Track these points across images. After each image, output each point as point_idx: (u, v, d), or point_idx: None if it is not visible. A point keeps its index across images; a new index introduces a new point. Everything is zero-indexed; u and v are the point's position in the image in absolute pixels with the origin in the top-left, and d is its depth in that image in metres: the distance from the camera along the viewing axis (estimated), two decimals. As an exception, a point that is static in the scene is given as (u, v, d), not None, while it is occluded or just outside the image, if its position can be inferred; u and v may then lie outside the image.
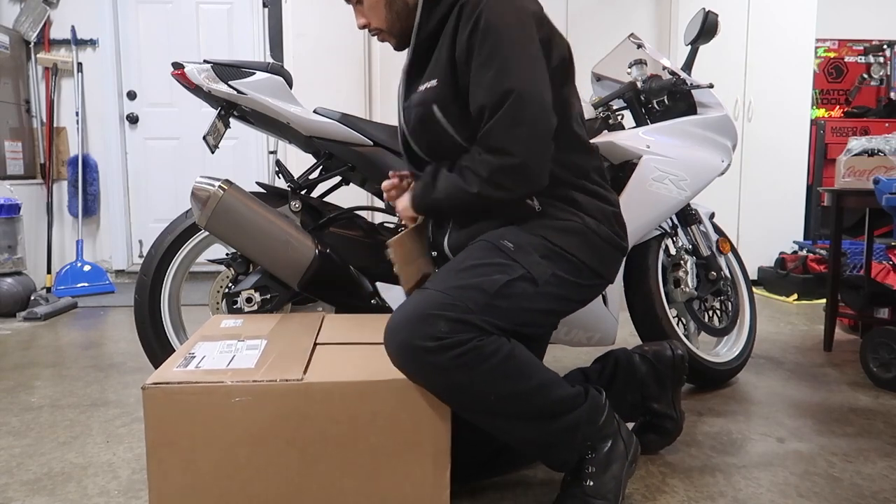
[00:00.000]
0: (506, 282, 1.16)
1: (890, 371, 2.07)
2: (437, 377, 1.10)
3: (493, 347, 1.11)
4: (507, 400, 1.13)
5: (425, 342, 1.08)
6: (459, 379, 1.09)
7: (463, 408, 1.15)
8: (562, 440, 1.20)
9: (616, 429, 1.26)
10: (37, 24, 4.10)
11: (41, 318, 3.14)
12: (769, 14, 3.96)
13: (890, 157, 2.31)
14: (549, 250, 1.22)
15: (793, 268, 3.74)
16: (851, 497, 1.37)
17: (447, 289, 1.14)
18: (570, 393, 1.20)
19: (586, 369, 1.51)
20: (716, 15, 2.06)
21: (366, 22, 1.36)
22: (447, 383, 1.10)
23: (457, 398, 1.13)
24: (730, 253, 2.23)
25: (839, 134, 4.20)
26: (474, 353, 1.09)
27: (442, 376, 1.09)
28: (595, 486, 1.20)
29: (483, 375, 1.10)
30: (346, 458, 1.09)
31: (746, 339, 2.20)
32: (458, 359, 1.08)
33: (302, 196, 1.80)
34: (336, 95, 3.72)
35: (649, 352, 1.48)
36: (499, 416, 1.16)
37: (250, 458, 1.07)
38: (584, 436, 1.21)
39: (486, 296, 1.14)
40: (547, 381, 1.17)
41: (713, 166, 2.00)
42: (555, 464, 1.25)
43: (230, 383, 1.05)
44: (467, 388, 1.11)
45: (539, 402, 1.16)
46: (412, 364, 1.10)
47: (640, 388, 1.47)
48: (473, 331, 1.10)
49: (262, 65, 1.79)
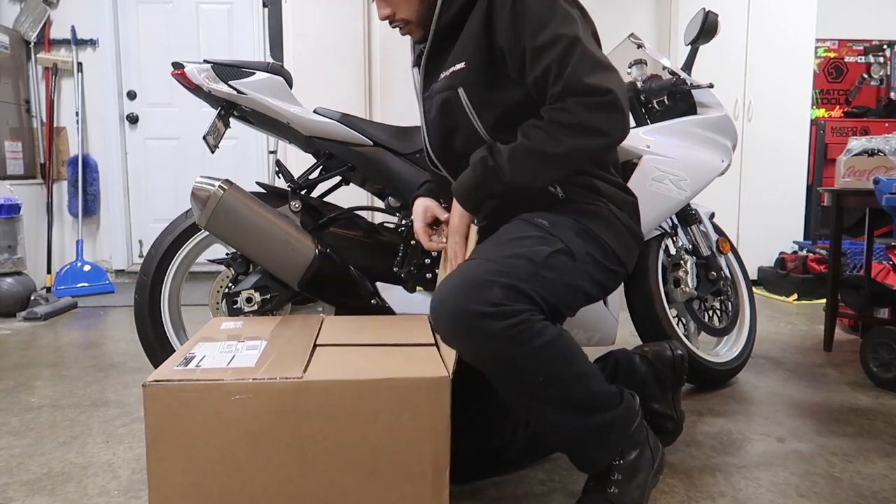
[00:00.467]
0: (549, 253, 1.15)
1: (890, 371, 2.07)
2: (487, 344, 1.08)
3: (542, 325, 1.10)
4: (550, 383, 1.12)
5: (482, 306, 1.06)
6: (509, 350, 1.08)
7: (506, 384, 1.14)
8: (595, 438, 1.18)
9: (645, 437, 1.25)
10: (37, 24, 4.10)
11: (41, 318, 3.14)
12: (769, 14, 3.96)
13: (890, 157, 2.31)
14: (581, 230, 1.22)
15: (793, 268, 3.74)
16: (851, 497, 1.37)
17: (496, 257, 1.13)
18: (608, 390, 1.20)
19: None
20: (716, 15, 2.06)
21: (390, 13, 1.32)
22: (496, 353, 1.09)
23: (502, 372, 1.11)
24: (730, 253, 2.23)
25: (839, 134, 4.20)
26: (526, 325, 1.08)
27: (492, 344, 1.08)
28: (619, 493, 1.19)
29: (531, 352, 1.09)
30: (346, 457, 1.09)
31: (746, 339, 2.20)
32: (511, 329, 1.07)
33: (302, 196, 1.80)
34: (336, 95, 3.72)
35: (649, 352, 1.48)
36: (538, 400, 1.14)
37: (250, 457, 1.07)
38: (617, 438, 1.20)
39: (533, 265, 1.13)
40: (588, 372, 1.17)
41: (713, 166, 2.00)
42: (583, 462, 1.23)
43: (230, 381, 1.05)
44: (514, 363, 1.09)
45: (579, 392, 1.15)
46: (464, 330, 1.08)
47: (640, 389, 1.47)
48: (527, 301, 1.10)
49: (262, 65, 1.79)
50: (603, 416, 1.18)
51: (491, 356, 1.10)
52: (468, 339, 1.09)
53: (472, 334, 1.08)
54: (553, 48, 1.13)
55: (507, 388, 1.15)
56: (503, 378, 1.13)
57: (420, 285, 1.84)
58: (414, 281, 1.83)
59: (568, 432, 1.18)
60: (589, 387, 1.16)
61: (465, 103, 1.24)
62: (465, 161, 1.26)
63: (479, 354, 1.10)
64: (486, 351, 1.09)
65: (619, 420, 1.20)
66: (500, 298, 1.07)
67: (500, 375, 1.13)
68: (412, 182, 1.83)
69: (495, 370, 1.12)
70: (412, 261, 1.81)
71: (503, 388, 1.15)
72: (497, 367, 1.11)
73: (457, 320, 1.08)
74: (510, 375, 1.12)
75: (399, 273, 1.82)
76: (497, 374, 1.13)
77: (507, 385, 1.14)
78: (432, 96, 1.31)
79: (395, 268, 1.82)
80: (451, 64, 1.25)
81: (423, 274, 1.82)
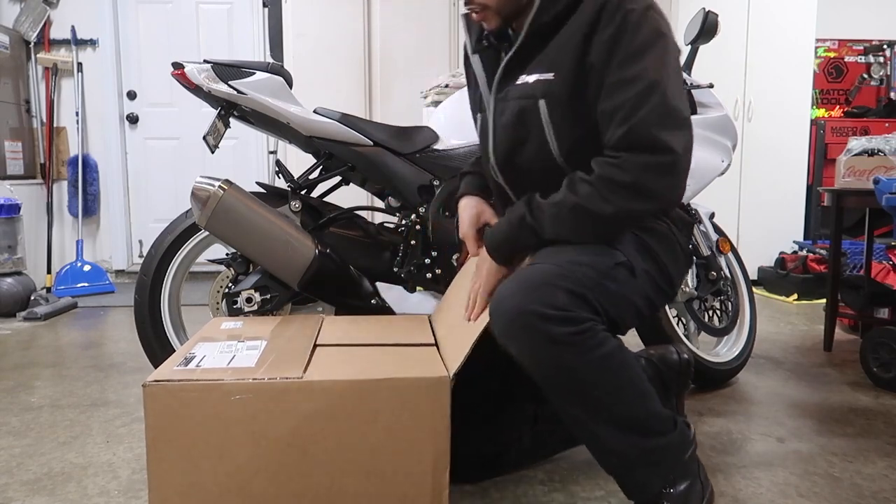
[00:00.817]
0: (613, 264, 1.10)
1: (890, 371, 2.07)
2: (547, 349, 1.03)
3: (604, 336, 1.06)
4: (608, 398, 1.08)
5: (545, 308, 1.01)
6: (568, 359, 1.04)
7: (561, 393, 1.09)
8: (647, 462, 1.12)
9: (697, 469, 1.20)
10: (37, 24, 4.10)
11: (41, 318, 3.14)
12: (769, 14, 3.96)
13: (890, 157, 2.31)
14: (641, 246, 1.16)
15: (793, 268, 3.73)
16: (851, 497, 1.37)
17: (560, 262, 1.08)
18: (664, 413, 1.15)
19: None
20: (716, 15, 2.06)
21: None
22: (555, 359, 1.04)
23: (559, 380, 1.07)
24: (730, 253, 2.23)
25: (839, 134, 4.20)
26: (589, 335, 1.03)
27: (552, 349, 1.03)
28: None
29: (592, 362, 1.05)
30: (346, 457, 1.09)
31: (746, 339, 2.20)
32: (573, 336, 1.02)
33: (302, 196, 1.80)
34: (336, 95, 3.72)
35: (655, 355, 1.42)
36: (593, 414, 1.09)
37: (250, 457, 1.07)
38: (670, 465, 1.14)
39: (598, 274, 1.08)
40: (646, 392, 1.12)
41: (713, 166, 2.00)
42: (632, 487, 1.17)
43: (230, 381, 1.06)
44: (573, 372, 1.05)
45: (637, 410, 1.10)
46: (524, 331, 1.03)
47: None
48: (590, 310, 1.05)
49: (262, 65, 1.79)
50: (658, 439, 1.12)
51: (549, 361, 1.05)
52: (527, 340, 1.04)
53: (532, 336, 1.03)
54: (634, 86, 1.06)
55: (560, 398, 1.10)
56: (559, 387, 1.08)
57: (420, 285, 1.84)
58: (414, 281, 1.83)
59: (620, 452, 1.12)
60: (647, 407, 1.11)
61: (545, 118, 1.15)
62: (529, 177, 1.20)
63: (536, 358, 1.06)
64: (545, 355, 1.04)
65: (674, 446, 1.15)
66: (565, 304, 1.03)
67: (556, 384, 1.08)
68: (412, 182, 1.83)
69: (551, 377, 1.07)
70: (412, 261, 1.81)
71: (557, 398, 1.10)
72: (554, 374, 1.06)
73: (516, 319, 1.03)
74: (567, 385, 1.07)
75: (399, 273, 1.82)
76: (552, 381, 1.08)
77: (561, 394, 1.09)
78: (507, 99, 1.21)
79: (395, 268, 1.82)
80: (538, 70, 1.16)
81: (423, 274, 1.82)
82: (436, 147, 1.87)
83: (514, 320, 1.04)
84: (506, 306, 1.05)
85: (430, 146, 1.87)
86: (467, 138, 1.88)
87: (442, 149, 1.87)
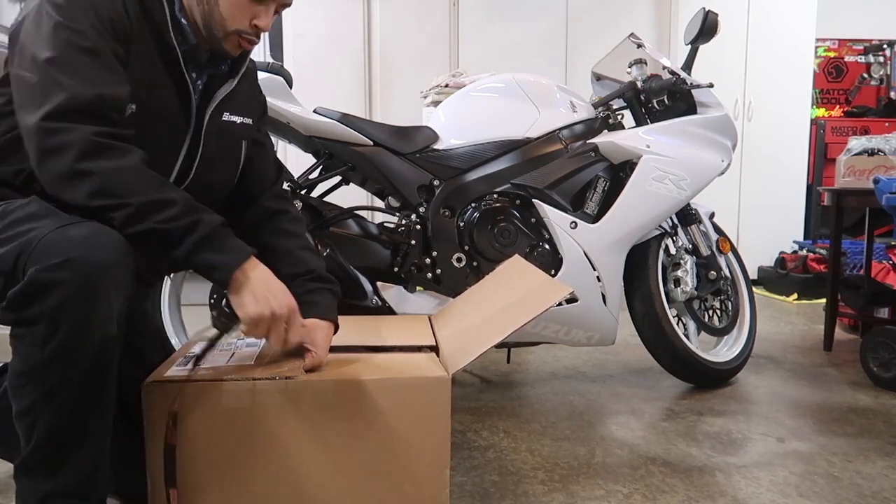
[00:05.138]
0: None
1: (890, 371, 2.07)
2: None
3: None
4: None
5: None
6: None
7: None
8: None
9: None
10: (37, 24, 4.10)
11: (41, 318, 3.13)
12: (769, 14, 3.96)
13: (890, 157, 2.31)
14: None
15: (793, 267, 3.74)
16: (851, 497, 1.37)
17: None
18: None
19: None
20: (716, 14, 2.06)
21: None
22: None
23: None
24: (730, 252, 2.23)
25: (839, 133, 4.20)
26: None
27: None
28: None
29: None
30: (346, 457, 1.09)
31: (746, 339, 2.20)
32: None
33: (302, 196, 1.80)
34: (336, 95, 3.71)
35: None
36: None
37: (249, 456, 1.07)
38: None
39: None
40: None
41: (713, 166, 2.01)
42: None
43: (230, 381, 1.06)
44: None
45: None
46: None
47: None
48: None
49: (262, 65, 1.79)
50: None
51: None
52: None
53: None
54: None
55: None
56: None
57: (420, 285, 1.84)
58: (414, 281, 1.83)
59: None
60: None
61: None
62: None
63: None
64: None
65: None
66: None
67: None
68: (412, 182, 1.84)
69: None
70: (412, 261, 1.82)
71: None
72: None
73: None
74: None
75: (399, 273, 1.82)
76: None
77: None
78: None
79: (395, 268, 1.82)
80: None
81: (423, 274, 1.82)
82: (436, 147, 1.87)
83: None
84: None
85: (430, 146, 1.87)
86: (467, 138, 1.88)
87: (442, 149, 1.87)
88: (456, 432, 1.68)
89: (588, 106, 2.04)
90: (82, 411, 0.93)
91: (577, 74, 3.84)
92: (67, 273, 0.87)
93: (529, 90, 1.95)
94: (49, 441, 0.92)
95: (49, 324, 0.87)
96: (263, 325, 1.02)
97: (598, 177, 1.92)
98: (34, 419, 0.92)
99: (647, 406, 1.91)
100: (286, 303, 1.04)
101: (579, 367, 2.31)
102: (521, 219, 1.86)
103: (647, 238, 2.00)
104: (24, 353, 0.90)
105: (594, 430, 1.73)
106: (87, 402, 0.94)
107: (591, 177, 1.92)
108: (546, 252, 1.86)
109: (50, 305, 0.87)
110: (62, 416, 0.92)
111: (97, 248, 0.89)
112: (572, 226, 1.86)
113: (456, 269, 1.83)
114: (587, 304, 1.86)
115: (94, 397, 0.94)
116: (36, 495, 0.94)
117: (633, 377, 2.18)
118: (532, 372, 2.27)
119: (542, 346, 2.38)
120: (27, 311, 0.88)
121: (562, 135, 1.92)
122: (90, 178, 0.92)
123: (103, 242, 0.91)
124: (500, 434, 1.70)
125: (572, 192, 1.91)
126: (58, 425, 0.92)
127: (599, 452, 1.58)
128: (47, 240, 0.89)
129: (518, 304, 1.27)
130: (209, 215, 1.00)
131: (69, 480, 0.94)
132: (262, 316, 1.01)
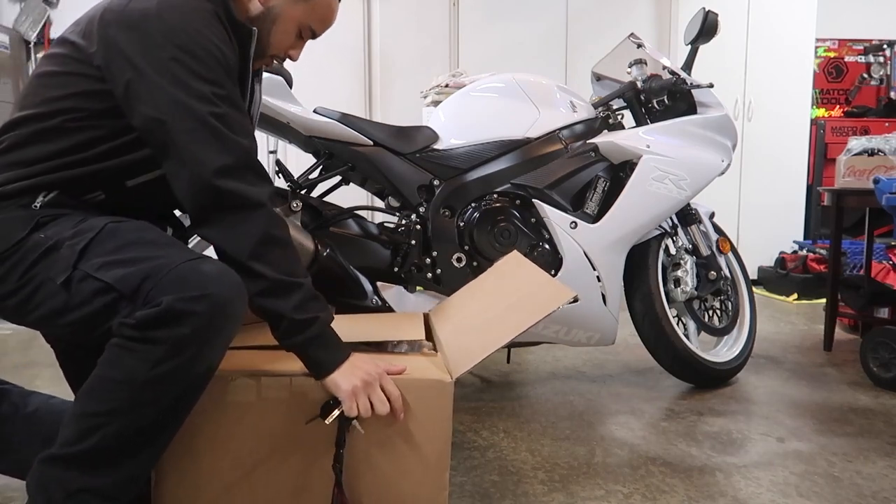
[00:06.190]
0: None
1: (890, 371, 2.07)
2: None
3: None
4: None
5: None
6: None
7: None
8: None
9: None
10: (37, 24, 4.10)
11: (41, 317, 3.14)
12: (769, 14, 3.96)
13: (890, 157, 2.31)
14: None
15: (793, 267, 3.74)
16: (851, 497, 1.37)
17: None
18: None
19: None
20: (716, 14, 2.06)
21: None
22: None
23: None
24: (730, 252, 2.23)
25: (839, 134, 4.20)
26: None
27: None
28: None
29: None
30: (346, 456, 1.09)
31: (746, 339, 2.20)
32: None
33: (302, 196, 1.80)
34: (336, 95, 3.71)
35: None
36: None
37: (252, 455, 1.07)
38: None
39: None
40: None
41: (713, 166, 2.01)
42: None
43: (230, 380, 1.06)
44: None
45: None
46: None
47: None
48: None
49: (262, 65, 1.79)
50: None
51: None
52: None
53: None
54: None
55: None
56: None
57: (420, 285, 1.84)
58: (414, 281, 1.83)
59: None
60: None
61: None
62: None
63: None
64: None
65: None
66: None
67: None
68: (412, 182, 1.83)
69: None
70: (412, 261, 1.81)
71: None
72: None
73: None
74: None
75: (399, 273, 1.82)
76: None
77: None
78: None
79: (395, 268, 1.82)
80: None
81: (423, 274, 1.82)
82: (436, 147, 1.87)
83: None
84: None
85: (430, 146, 1.87)
86: (467, 138, 1.88)
87: (442, 149, 1.87)
88: (456, 432, 1.68)
89: (588, 106, 2.04)
90: (156, 428, 0.97)
91: (577, 74, 3.84)
92: (205, 306, 0.93)
93: (529, 90, 1.95)
94: (109, 447, 0.94)
95: (172, 348, 0.92)
96: (362, 395, 1.04)
97: (598, 177, 1.92)
98: (105, 423, 0.94)
99: (647, 406, 1.91)
100: (372, 368, 1.08)
101: (579, 367, 2.31)
102: (521, 219, 1.86)
103: (647, 238, 2.00)
104: (129, 364, 0.93)
105: (594, 430, 1.73)
106: (165, 422, 0.97)
107: (591, 177, 1.92)
108: (546, 252, 1.86)
109: (181, 333, 0.92)
110: (135, 428, 0.95)
111: (228, 287, 0.97)
112: (572, 226, 1.86)
113: (456, 269, 1.83)
114: (587, 304, 1.85)
115: (172, 418, 0.98)
116: (67, 487, 0.95)
117: (633, 377, 2.18)
118: (532, 372, 2.27)
119: (542, 346, 2.38)
120: (154, 333, 0.92)
121: (562, 135, 1.92)
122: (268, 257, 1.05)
123: (232, 281, 0.98)
124: (500, 434, 1.70)
125: (572, 192, 1.91)
126: (126, 436, 0.94)
127: (599, 452, 1.58)
128: (180, 272, 0.95)
129: (520, 305, 1.27)
130: (325, 313, 1.07)
131: (109, 483, 0.96)
132: (356, 387, 1.04)
